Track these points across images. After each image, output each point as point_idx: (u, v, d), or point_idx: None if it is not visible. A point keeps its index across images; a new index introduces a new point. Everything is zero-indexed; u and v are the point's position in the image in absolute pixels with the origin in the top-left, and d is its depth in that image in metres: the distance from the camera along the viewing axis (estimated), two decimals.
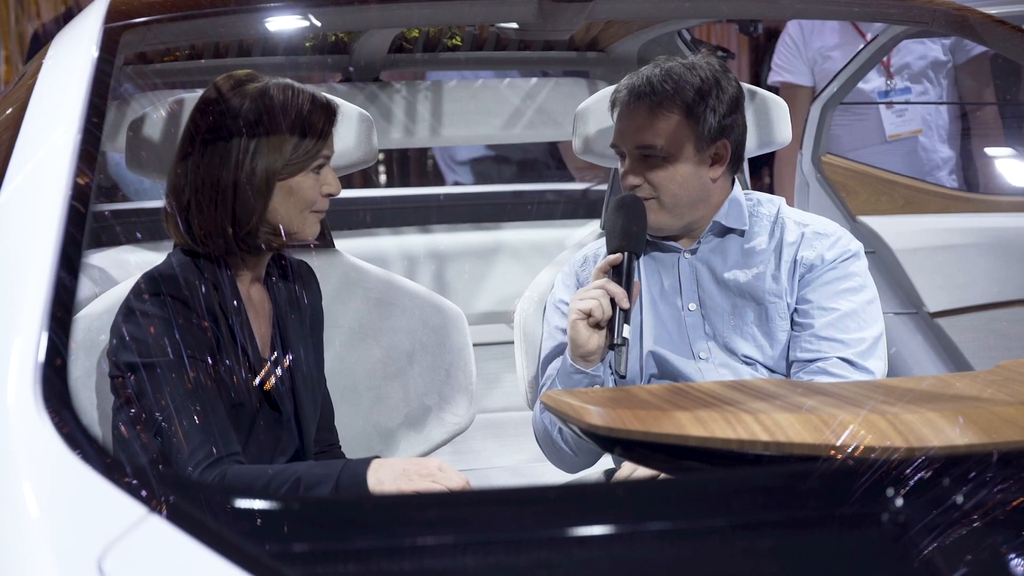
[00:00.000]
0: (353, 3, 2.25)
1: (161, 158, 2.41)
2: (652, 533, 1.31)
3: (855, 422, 1.44)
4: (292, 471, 2.10)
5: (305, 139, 2.23)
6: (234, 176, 2.19)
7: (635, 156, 2.47)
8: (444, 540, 1.28)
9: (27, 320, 1.40)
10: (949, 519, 1.31)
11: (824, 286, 2.47)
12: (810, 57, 4.60)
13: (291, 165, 2.22)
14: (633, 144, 2.46)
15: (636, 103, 2.46)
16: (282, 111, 2.23)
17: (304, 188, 2.25)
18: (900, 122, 4.49)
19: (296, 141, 2.22)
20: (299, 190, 2.24)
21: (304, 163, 2.24)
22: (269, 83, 2.25)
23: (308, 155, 2.24)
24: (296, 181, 2.23)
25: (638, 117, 2.46)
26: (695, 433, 1.45)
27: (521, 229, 4.06)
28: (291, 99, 2.24)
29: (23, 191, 1.62)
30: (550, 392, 1.64)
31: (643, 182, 2.46)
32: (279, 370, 2.30)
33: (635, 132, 2.46)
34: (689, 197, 2.47)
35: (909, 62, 4.42)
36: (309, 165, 2.24)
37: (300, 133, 2.23)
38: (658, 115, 2.44)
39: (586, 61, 3.90)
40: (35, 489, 1.27)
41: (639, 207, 2.43)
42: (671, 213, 2.48)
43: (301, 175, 2.24)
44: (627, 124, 2.48)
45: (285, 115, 2.23)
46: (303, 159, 2.23)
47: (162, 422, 2.07)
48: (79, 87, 1.74)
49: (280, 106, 2.23)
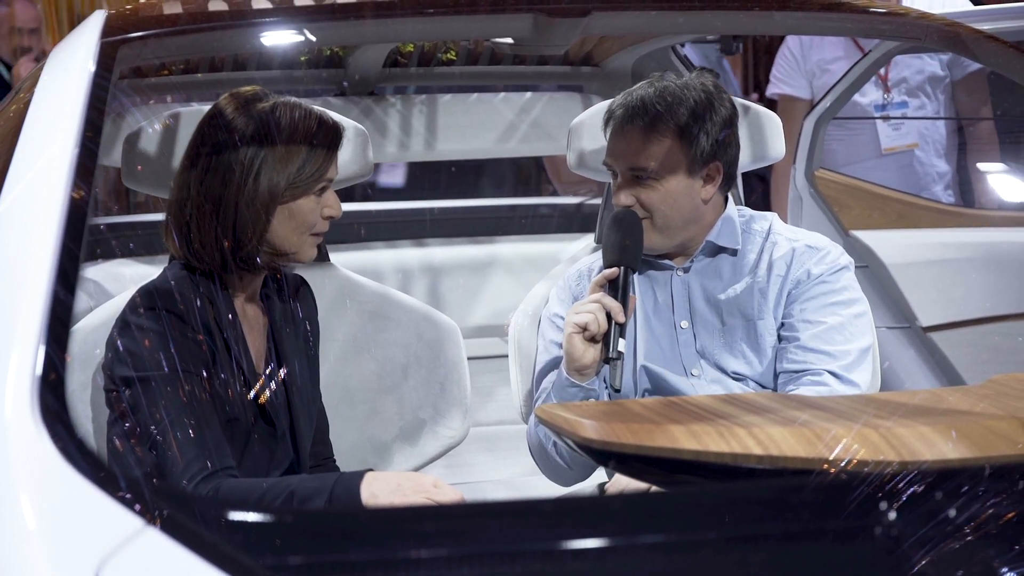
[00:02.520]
0: (348, 18, 2.26)
1: (157, 172, 2.41)
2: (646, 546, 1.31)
3: (848, 436, 1.45)
4: (286, 484, 2.10)
5: (310, 161, 2.22)
6: (236, 194, 2.19)
7: (627, 177, 2.48)
8: (439, 553, 1.28)
9: (24, 334, 1.40)
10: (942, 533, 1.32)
11: (811, 299, 2.48)
12: (809, 70, 4.61)
13: (294, 187, 2.21)
14: (626, 165, 2.47)
15: (630, 124, 2.46)
16: (289, 131, 2.21)
17: (305, 210, 2.24)
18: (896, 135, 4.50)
19: (301, 163, 2.21)
20: (300, 212, 2.23)
21: (308, 186, 2.23)
22: (277, 102, 2.24)
23: (312, 177, 2.23)
24: (298, 204, 2.23)
25: (631, 138, 2.46)
26: (689, 447, 1.45)
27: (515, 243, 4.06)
28: (298, 120, 2.23)
29: (20, 205, 1.62)
30: (544, 406, 1.64)
31: (635, 202, 2.47)
32: (274, 384, 2.30)
33: (628, 153, 2.47)
34: (681, 218, 2.48)
35: (907, 76, 4.43)
36: (313, 188, 2.23)
37: (305, 155, 2.22)
38: (651, 137, 2.44)
39: (580, 76, 3.91)
40: (32, 502, 1.28)
41: (636, 222, 2.44)
42: (662, 233, 2.49)
43: (304, 198, 2.23)
44: (620, 144, 2.49)
45: (292, 136, 2.22)
46: (307, 181, 2.22)
47: (157, 436, 2.07)
48: (76, 101, 1.75)
49: (287, 127, 2.22)
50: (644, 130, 2.45)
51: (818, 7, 2.49)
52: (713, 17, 2.52)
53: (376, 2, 2.28)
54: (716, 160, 2.48)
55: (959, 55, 3.85)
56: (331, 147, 2.26)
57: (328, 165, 2.25)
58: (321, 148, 2.23)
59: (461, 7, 2.29)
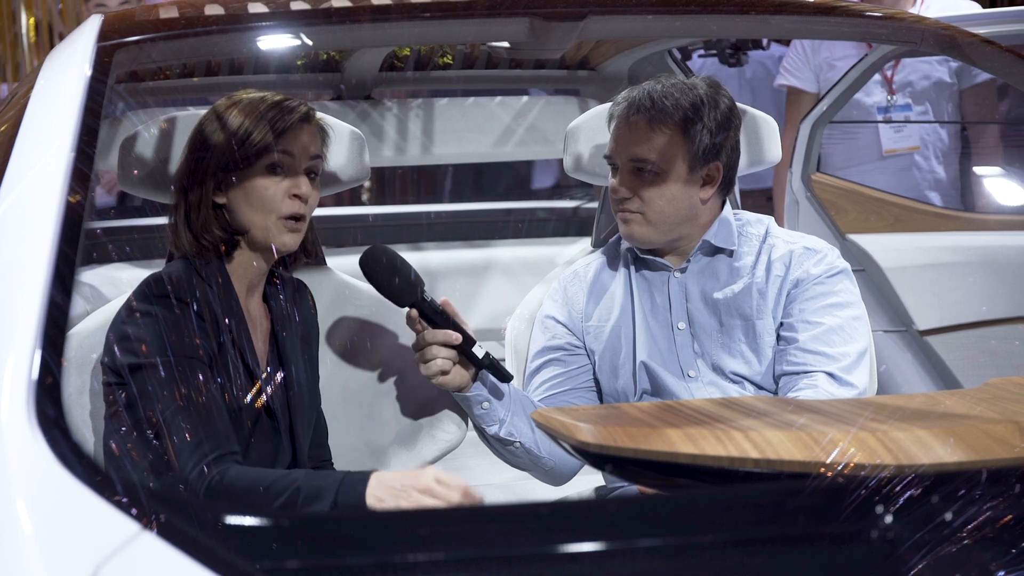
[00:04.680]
0: (344, 22, 2.25)
1: (154, 176, 2.42)
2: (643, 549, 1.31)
3: (845, 440, 1.45)
4: (292, 479, 2.09)
5: (251, 135, 2.23)
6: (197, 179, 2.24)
7: (627, 168, 2.48)
8: (436, 557, 1.28)
9: (20, 338, 1.40)
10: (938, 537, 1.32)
11: (810, 300, 2.49)
12: (817, 65, 4.63)
13: (240, 160, 2.23)
14: (627, 156, 2.48)
15: (635, 116, 2.47)
16: (235, 114, 2.25)
17: (257, 186, 2.24)
18: (898, 138, 4.51)
19: (243, 138, 2.23)
20: (257, 190, 2.24)
21: (251, 158, 2.23)
22: (244, 95, 2.28)
23: (255, 150, 2.23)
24: (255, 182, 2.24)
25: (635, 130, 2.47)
26: (685, 450, 1.45)
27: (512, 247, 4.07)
28: (250, 101, 2.27)
29: (16, 209, 1.62)
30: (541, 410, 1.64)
31: (632, 195, 2.47)
32: (274, 385, 2.30)
33: (630, 144, 2.47)
34: (676, 215, 2.48)
35: (912, 80, 4.44)
36: (258, 161, 2.24)
37: (247, 131, 2.23)
38: (655, 130, 2.45)
39: (577, 79, 3.91)
40: (28, 506, 1.28)
41: (382, 255, 2.32)
42: (655, 228, 2.49)
43: (255, 175, 2.23)
44: (623, 136, 2.49)
45: (240, 115, 2.25)
46: (248, 153, 2.23)
47: (163, 420, 2.07)
48: (72, 106, 1.75)
49: (237, 108, 2.26)
50: (648, 122, 2.46)
51: (815, 10, 2.50)
52: (709, 21, 2.53)
53: (372, 6, 2.28)
54: (717, 160, 2.48)
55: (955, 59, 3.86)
56: (279, 122, 2.25)
57: (276, 139, 2.24)
58: (265, 124, 2.24)
59: (457, 11, 2.29)
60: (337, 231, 3.93)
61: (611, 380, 2.56)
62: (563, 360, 2.59)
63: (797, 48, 4.69)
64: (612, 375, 2.56)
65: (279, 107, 2.27)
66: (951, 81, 4.46)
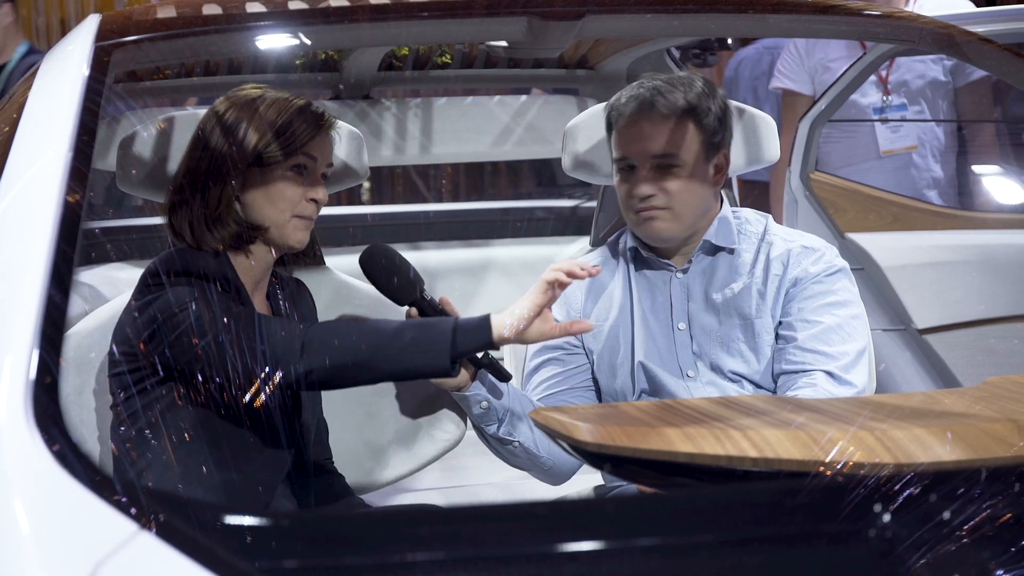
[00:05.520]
0: (343, 21, 2.25)
1: (152, 175, 2.42)
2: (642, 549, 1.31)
3: (844, 439, 1.45)
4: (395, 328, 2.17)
5: (282, 136, 2.24)
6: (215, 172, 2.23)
7: (649, 166, 2.44)
8: (436, 556, 1.28)
9: (18, 338, 1.40)
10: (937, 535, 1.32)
11: (809, 299, 2.48)
12: (811, 67, 4.62)
13: (266, 158, 2.23)
14: (648, 154, 2.44)
15: (649, 112, 2.44)
16: (263, 111, 2.25)
17: (282, 188, 2.25)
18: (895, 138, 4.51)
19: (270, 137, 2.23)
20: (277, 189, 2.25)
21: (277, 158, 2.24)
22: (266, 92, 2.28)
23: (283, 151, 2.24)
24: (276, 181, 2.24)
25: (651, 126, 2.44)
26: (684, 449, 1.45)
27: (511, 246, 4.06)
28: (276, 102, 2.27)
29: (14, 209, 1.62)
30: (540, 409, 1.64)
31: (658, 191, 2.44)
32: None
33: (649, 141, 2.44)
34: (699, 207, 2.48)
35: (908, 80, 4.44)
36: (284, 162, 2.25)
37: (278, 131, 2.24)
38: (671, 123, 2.43)
39: (575, 79, 3.91)
40: (26, 507, 1.28)
41: (382, 253, 2.34)
42: (681, 222, 2.47)
43: (281, 176, 2.24)
44: (638, 134, 2.45)
45: (266, 114, 2.25)
46: (276, 154, 2.23)
47: (208, 359, 2.11)
48: (70, 105, 1.75)
49: (261, 106, 2.26)
50: (664, 117, 2.44)
51: (812, 9, 2.50)
52: (707, 20, 2.53)
53: (371, 6, 2.28)
54: (725, 148, 2.49)
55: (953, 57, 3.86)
56: (308, 128, 2.26)
57: (308, 145, 2.26)
58: (296, 127, 2.25)
59: (456, 11, 2.29)
60: (336, 231, 3.94)
61: (609, 380, 2.56)
62: (562, 359, 2.59)
63: (791, 50, 4.68)
64: (610, 374, 2.55)
65: (310, 111, 2.28)
66: (946, 80, 4.46)
